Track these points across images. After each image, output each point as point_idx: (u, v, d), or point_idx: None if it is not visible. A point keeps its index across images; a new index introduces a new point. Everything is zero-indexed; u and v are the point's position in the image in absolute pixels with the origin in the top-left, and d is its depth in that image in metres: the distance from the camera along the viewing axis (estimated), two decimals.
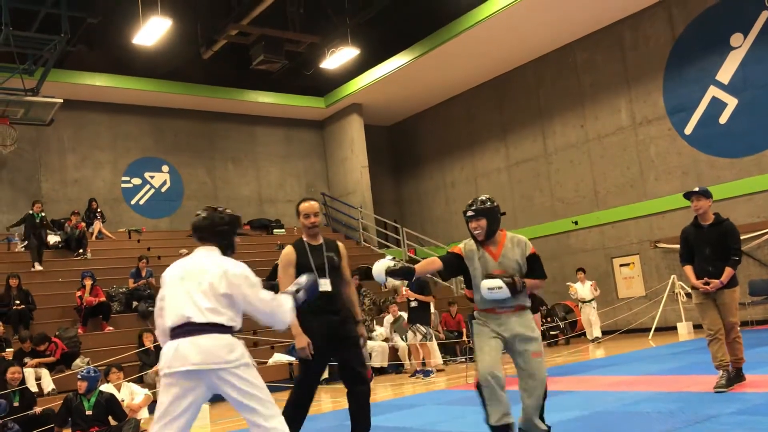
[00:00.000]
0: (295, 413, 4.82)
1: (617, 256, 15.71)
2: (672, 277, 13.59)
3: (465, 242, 4.51)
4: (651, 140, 15.04)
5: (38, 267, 13.41)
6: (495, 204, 4.46)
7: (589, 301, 13.86)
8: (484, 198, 4.49)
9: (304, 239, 5.18)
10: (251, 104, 18.45)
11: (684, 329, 13.06)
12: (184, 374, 3.42)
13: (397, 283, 15.22)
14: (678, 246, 6.58)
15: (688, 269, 6.39)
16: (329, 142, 20.28)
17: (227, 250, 3.89)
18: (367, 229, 18.95)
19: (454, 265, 4.47)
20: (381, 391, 9.54)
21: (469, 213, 4.41)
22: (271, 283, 14.35)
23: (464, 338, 12.71)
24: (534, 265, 4.40)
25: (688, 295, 13.09)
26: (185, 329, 3.49)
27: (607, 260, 15.89)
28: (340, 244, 5.33)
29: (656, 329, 13.44)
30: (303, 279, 3.95)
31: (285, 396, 4.90)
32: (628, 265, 15.53)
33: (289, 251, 5.11)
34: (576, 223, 16.41)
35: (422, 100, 19.53)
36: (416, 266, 4.34)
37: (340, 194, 19.72)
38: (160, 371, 3.51)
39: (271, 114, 19.23)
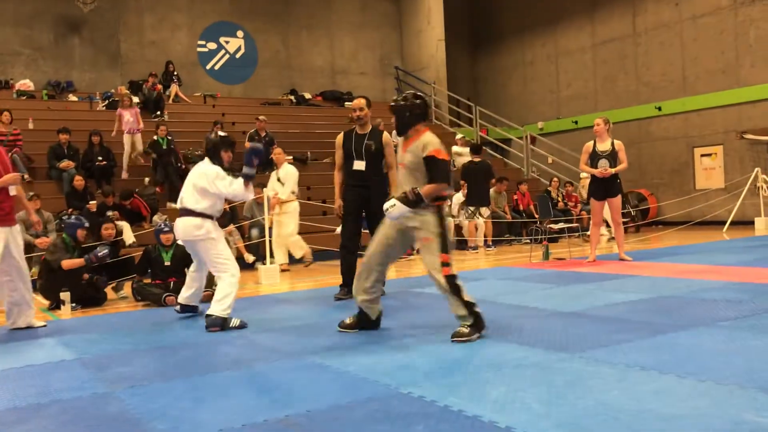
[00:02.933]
0: (344, 258, 6.59)
1: (699, 146, 15.06)
2: (756, 170, 12.99)
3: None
4: (752, 22, 13.94)
5: (172, 204, 10.93)
6: (409, 102, 4.57)
7: None
8: (402, 95, 4.68)
9: (355, 128, 6.58)
10: None
11: (762, 224, 12.62)
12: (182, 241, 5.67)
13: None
14: (767, 137, 6.21)
15: None
16: (405, 12, 19.61)
17: (213, 160, 5.49)
18: (439, 106, 18.61)
19: None
20: None
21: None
22: None
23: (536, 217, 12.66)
24: (430, 168, 4.39)
25: None
26: (179, 213, 5.52)
27: (688, 149, 15.27)
28: (385, 134, 6.58)
29: (732, 223, 13.02)
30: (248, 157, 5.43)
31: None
32: (710, 155, 14.89)
33: (339, 137, 6.64)
34: (659, 108, 15.68)
35: None
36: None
37: (414, 68, 19.28)
38: None
39: None
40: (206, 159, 5.52)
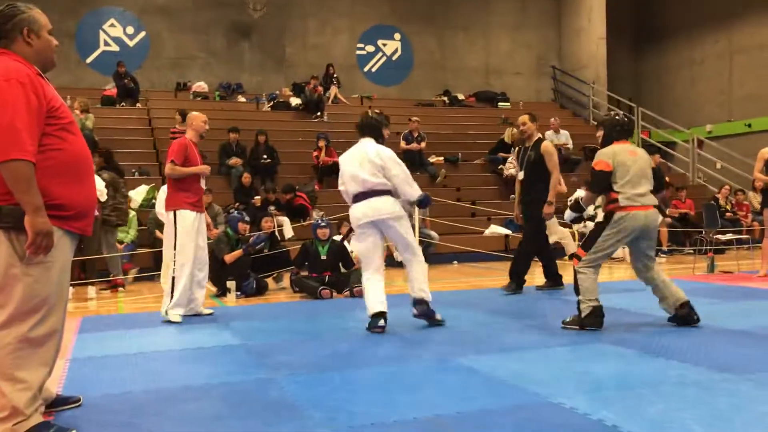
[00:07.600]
0: (519, 258, 7.17)
1: None
2: None
3: None
4: None
5: None
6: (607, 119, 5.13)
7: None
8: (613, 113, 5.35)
9: (526, 142, 7.12)
10: None
11: None
12: (366, 224, 5.09)
13: None
14: None
15: None
16: (565, 11, 19.08)
17: (378, 139, 5.26)
18: (598, 107, 17.95)
19: None
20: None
21: None
22: (492, 157, 14.30)
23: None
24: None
25: None
26: (361, 195, 5.09)
27: None
28: (544, 143, 6.98)
29: None
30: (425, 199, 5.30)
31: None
32: None
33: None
34: None
35: None
36: None
37: (572, 68, 18.72)
38: (353, 226, 5.27)
39: None
40: (369, 139, 5.23)
